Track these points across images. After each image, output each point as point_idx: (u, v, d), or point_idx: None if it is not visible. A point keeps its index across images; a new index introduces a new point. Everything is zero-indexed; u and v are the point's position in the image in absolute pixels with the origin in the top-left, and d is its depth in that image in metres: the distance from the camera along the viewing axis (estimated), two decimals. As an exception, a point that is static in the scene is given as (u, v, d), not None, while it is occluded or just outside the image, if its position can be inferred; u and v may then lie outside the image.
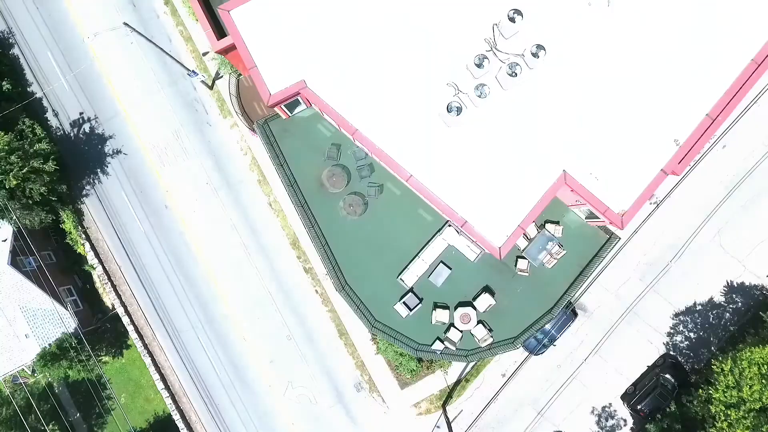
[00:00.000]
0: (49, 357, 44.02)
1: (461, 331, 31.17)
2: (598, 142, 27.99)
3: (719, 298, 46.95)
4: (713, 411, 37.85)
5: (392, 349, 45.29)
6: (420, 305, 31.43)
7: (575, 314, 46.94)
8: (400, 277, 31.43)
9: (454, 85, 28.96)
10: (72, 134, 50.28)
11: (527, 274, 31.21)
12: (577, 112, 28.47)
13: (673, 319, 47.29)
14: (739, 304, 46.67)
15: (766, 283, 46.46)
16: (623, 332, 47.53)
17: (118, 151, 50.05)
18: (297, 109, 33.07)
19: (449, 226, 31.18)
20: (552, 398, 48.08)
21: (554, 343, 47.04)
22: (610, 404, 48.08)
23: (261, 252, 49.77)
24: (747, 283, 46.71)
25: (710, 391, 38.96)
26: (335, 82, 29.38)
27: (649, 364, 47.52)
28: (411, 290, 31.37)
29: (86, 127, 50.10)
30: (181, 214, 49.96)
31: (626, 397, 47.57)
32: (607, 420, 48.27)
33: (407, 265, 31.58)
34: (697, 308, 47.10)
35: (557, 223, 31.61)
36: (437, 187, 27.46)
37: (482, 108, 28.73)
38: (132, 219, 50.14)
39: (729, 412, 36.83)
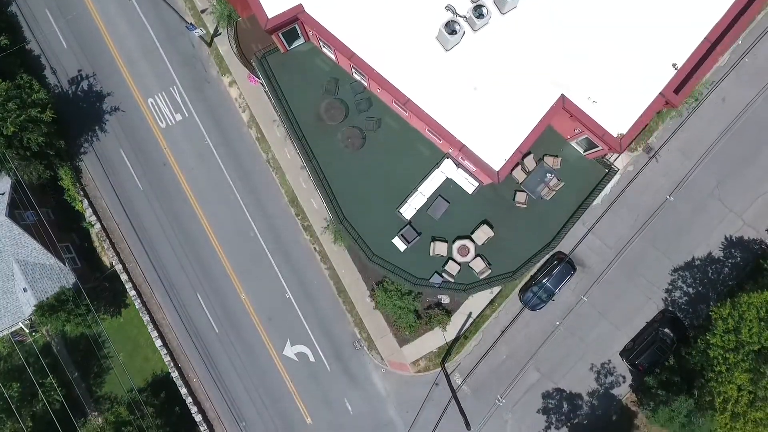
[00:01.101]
0: (47, 308, 43.89)
1: (459, 264, 31.07)
2: (596, 65, 27.87)
3: (718, 253, 46.92)
4: (712, 356, 37.79)
5: (391, 302, 45.20)
6: (418, 238, 31.33)
7: (574, 268, 46.85)
8: (398, 210, 31.32)
9: (452, 8, 28.87)
10: (70, 92, 50.21)
11: (525, 206, 31.08)
12: (576, 36, 28.30)
13: (671, 274, 47.24)
14: (738, 258, 46.62)
15: (766, 238, 46.41)
16: (622, 288, 47.45)
17: (116, 109, 49.98)
18: (295, 43, 32.99)
19: (447, 158, 31.09)
20: (550, 355, 48.00)
21: (552, 298, 46.97)
22: (609, 361, 48.00)
23: (259, 209, 49.68)
24: (746, 238, 46.67)
25: (708, 338, 38.92)
26: (333, 6, 29.09)
27: (648, 320, 47.46)
28: (409, 223, 31.27)
29: (84, 84, 50.04)
30: (179, 171, 49.86)
31: (625, 352, 47.53)
32: (605, 377, 48.19)
33: (405, 199, 31.46)
34: (696, 263, 47.05)
35: (555, 156, 31.48)
36: (435, 112, 27.36)
37: (480, 31, 28.46)
38: (130, 176, 50.05)
39: (727, 356, 36.78)
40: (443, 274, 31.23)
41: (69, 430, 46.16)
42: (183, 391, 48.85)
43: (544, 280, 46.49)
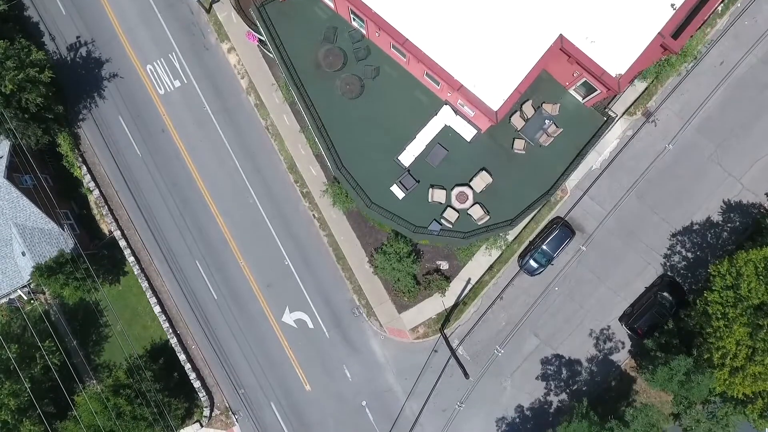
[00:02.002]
0: (45, 269, 43.79)
1: (458, 212, 31.00)
2: (594, 5, 27.81)
3: (717, 218, 46.89)
4: (710, 312, 37.77)
5: (390, 265, 45.17)
6: (416, 186, 31.30)
7: (572, 232, 46.82)
8: (396, 158, 31.30)
9: (450, -52, 28.86)
10: (68, 58, 50.14)
11: (524, 152, 31.03)
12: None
13: (670, 239, 47.20)
14: (737, 223, 46.58)
15: (764, 201, 46.38)
16: (621, 253, 47.41)
17: (115, 75, 49.94)
18: (293, -9, 32.97)
19: (446, 105, 31.05)
20: (549, 321, 47.96)
21: (552, 263, 46.94)
22: (608, 326, 47.98)
23: (258, 176, 49.65)
24: (745, 202, 46.66)
25: (706, 296, 38.89)
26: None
27: (647, 285, 47.41)
28: (408, 171, 31.23)
29: (83, 51, 49.98)
30: (178, 138, 49.82)
31: (624, 317, 47.49)
32: (604, 342, 48.16)
33: (404, 146, 31.43)
34: (695, 228, 47.02)
35: (554, 103, 31.38)
36: (433, 52, 27.30)
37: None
38: (128, 143, 50.01)
39: (726, 311, 36.76)
40: (441, 221, 31.16)
41: (68, 383, 45.99)
42: (182, 357, 48.80)
43: (542, 245, 46.49)
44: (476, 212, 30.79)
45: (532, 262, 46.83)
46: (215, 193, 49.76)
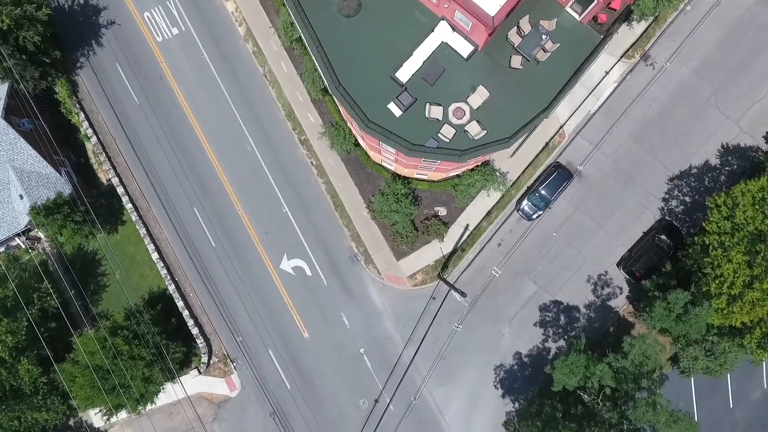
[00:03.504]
0: (43, 209, 43.67)
1: (455, 128, 30.99)
2: None
3: (714, 161, 46.90)
4: (708, 242, 37.79)
5: (388, 205, 45.22)
6: (414, 103, 31.28)
7: (570, 175, 46.83)
8: (394, 74, 31.26)
9: None
10: (66, 5, 50.00)
11: (521, 68, 31.03)
12: None
13: (668, 183, 47.21)
14: (735, 166, 46.59)
15: (762, 144, 46.40)
16: (619, 198, 47.40)
17: (112, 22, 49.85)
18: None
19: (443, 20, 31.00)
20: (547, 268, 47.93)
21: (550, 206, 46.95)
22: (606, 272, 47.97)
23: (256, 123, 49.62)
24: (742, 145, 46.67)
25: (704, 225, 38.91)
26: None
27: (645, 230, 47.39)
28: (405, 88, 31.22)
29: (80, -2, 49.93)
30: (175, 85, 49.78)
31: (622, 262, 47.47)
32: (602, 288, 48.16)
33: (401, 63, 31.40)
34: (693, 171, 47.03)
35: (551, 19, 31.25)
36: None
37: None
38: (126, 91, 49.95)
39: (723, 239, 36.78)
40: (438, 137, 31.14)
41: (65, 337, 45.99)
42: (180, 304, 48.77)
43: (540, 188, 46.51)
44: (473, 128, 30.74)
45: (529, 206, 46.86)
46: (213, 140, 49.74)
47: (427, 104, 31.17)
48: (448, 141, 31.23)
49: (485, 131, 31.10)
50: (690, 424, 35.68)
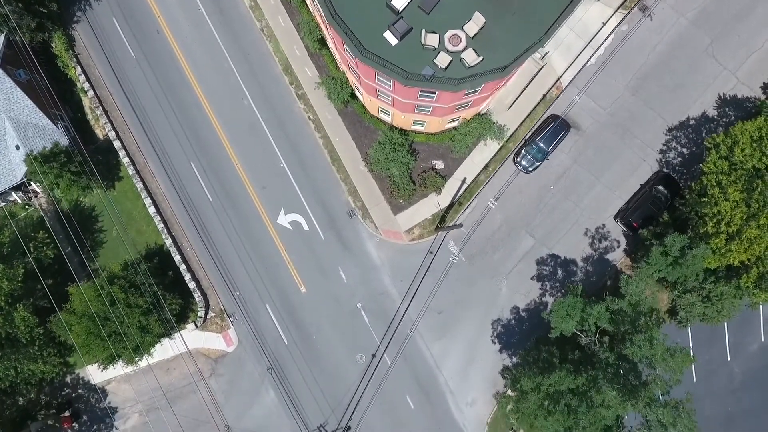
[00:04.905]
0: (39, 156, 43.54)
1: (451, 55, 30.93)
2: None
3: (712, 112, 46.87)
4: (705, 182, 37.77)
5: (384, 155, 45.20)
6: (410, 31, 31.19)
7: (567, 127, 46.79)
8: (390, 2, 31.14)
9: None
10: (63, -41, 50.03)
11: (518, -7, 31.00)
12: None
13: (666, 134, 47.19)
14: (732, 117, 46.52)
15: (759, 95, 46.34)
16: (616, 150, 47.36)
17: (110, -24, 49.82)
18: None
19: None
20: (545, 221, 47.88)
21: (547, 158, 46.91)
22: (604, 225, 47.92)
23: (253, 78, 49.55)
24: (740, 96, 46.63)
25: (702, 167, 38.91)
26: None
27: (642, 183, 47.35)
28: (401, 16, 31.15)
29: (77, -48, 49.87)
30: (173, 39, 49.70)
31: (619, 214, 47.43)
32: (600, 241, 48.11)
33: (396, -9, 31.36)
34: (691, 123, 47.00)
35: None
36: None
37: None
38: (123, 45, 49.88)
39: (720, 178, 36.75)
40: (434, 64, 31.06)
41: (62, 292, 45.83)
42: (177, 258, 48.67)
43: (537, 139, 46.48)
44: (469, 56, 30.67)
45: (527, 159, 46.81)
46: (210, 94, 49.66)
47: (423, 31, 31.09)
48: (443, 69, 31.17)
49: (481, 58, 31.04)
50: (686, 356, 35.64)
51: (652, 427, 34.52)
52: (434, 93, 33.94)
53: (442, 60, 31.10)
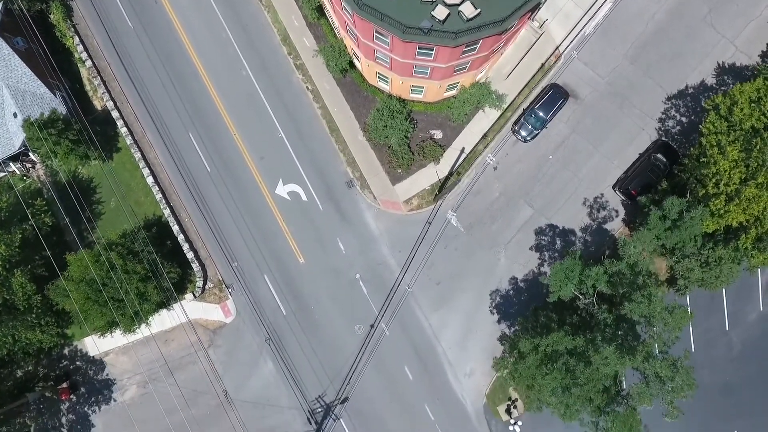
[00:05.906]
0: (36, 123, 43.45)
1: (449, 8, 30.88)
2: None
3: (710, 80, 46.81)
4: (704, 143, 37.72)
5: (382, 123, 45.15)
6: (407, -16, 31.22)
7: (566, 95, 46.73)
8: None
9: None
10: (60, -70, 49.98)
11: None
12: None
13: (665, 103, 47.12)
14: (731, 85, 46.38)
15: (758, 63, 46.28)
16: (615, 119, 47.30)
17: (107, -54, 49.77)
18: None
19: None
20: (543, 191, 47.80)
21: (545, 126, 46.86)
22: (602, 195, 47.85)
23: (251, 48, 49.49)
24: (738, 64, 46.59)
25: (700, 128, 38.84)
26: None
27: (641, 152, 47.29)
28: (398, -31, 31.17)
29: None
30: (171, 9, 49.64)
31: (618, 183, 47.37)
32: (598, 211, 48.04)
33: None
34: (689, 91, 46.94)
35: None
36: None
37: None
38: (121, 15, 49.82)
39: (720, 138, 36.70)
40: (432, 17, 31.01)
41: (60, 261, 45.68)
42: (175, 228, 48.60)
43: (536, 107, 46.43)
44: (467, 9, 30.61)
45: (525, 127, 46.77)
46: (208, 65, 49.59)
47: (420, -17, 31.10)
48: (441, 22, 31.11)
49: (479, 10, 30.99)
50: (684, 313, 35.56)
51: (650, 383, 34.45)
52: (432, 50, 33.86)
53: (440, 12, 31.06)
